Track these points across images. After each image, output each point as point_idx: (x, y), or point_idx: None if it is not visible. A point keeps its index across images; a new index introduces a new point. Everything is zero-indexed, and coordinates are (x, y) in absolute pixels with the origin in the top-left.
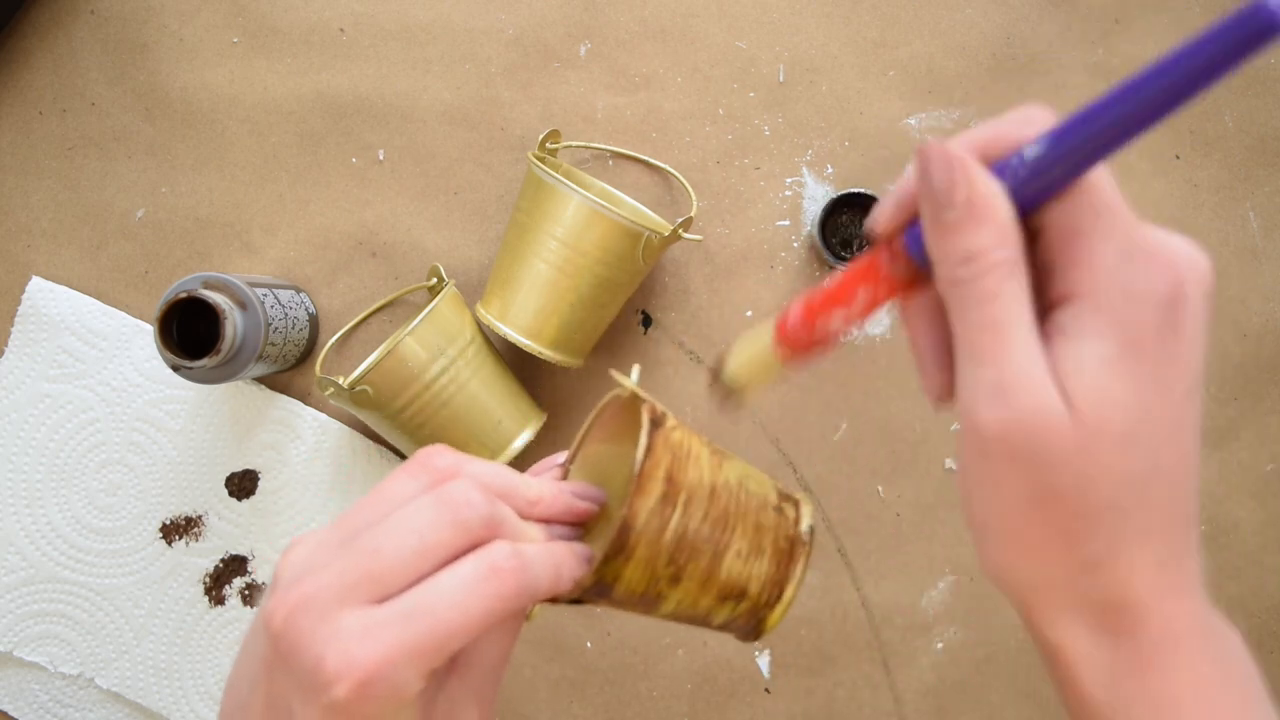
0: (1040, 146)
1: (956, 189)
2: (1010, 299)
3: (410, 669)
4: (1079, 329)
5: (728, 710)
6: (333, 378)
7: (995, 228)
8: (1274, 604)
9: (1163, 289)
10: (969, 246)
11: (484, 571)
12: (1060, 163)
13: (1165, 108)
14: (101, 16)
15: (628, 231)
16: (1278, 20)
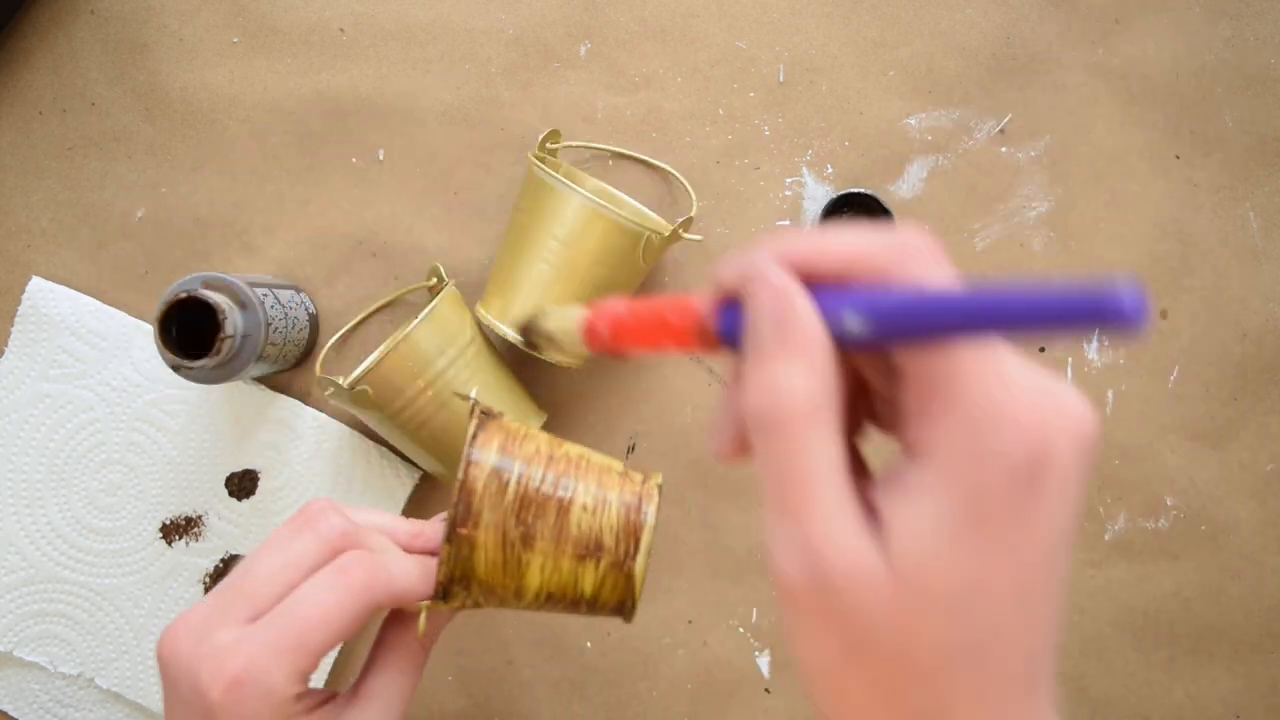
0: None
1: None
2: (817, 447)
3: (278, 668)
4: (918, 488)
5: (728, 710)
6: (333, 378)
7: (808, 367)
8: (1274, 604)
9: (1021, 453)
10: (776, 382)
11: (335, 573)
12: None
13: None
14: (101, 16)
15: (628, 231)
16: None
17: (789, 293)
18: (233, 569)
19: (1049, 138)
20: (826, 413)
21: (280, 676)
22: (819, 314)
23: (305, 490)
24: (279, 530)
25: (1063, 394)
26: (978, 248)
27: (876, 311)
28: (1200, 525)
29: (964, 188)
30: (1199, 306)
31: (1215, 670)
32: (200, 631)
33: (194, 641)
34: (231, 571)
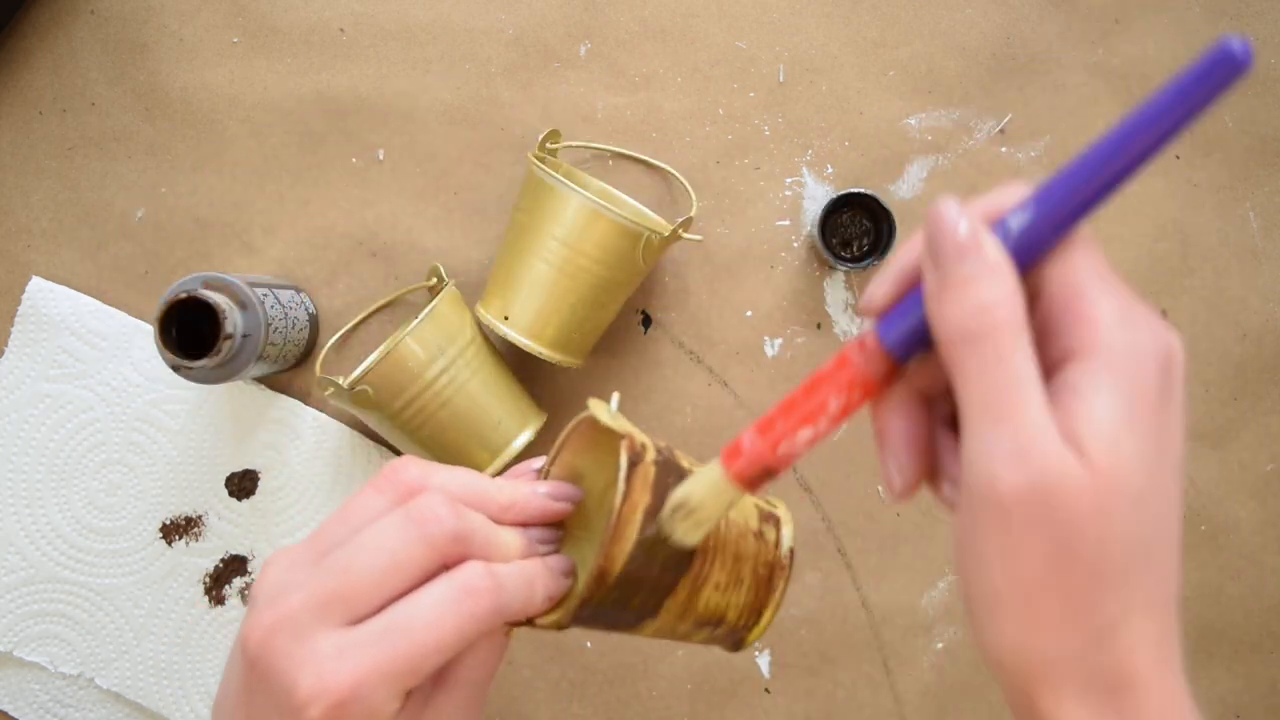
0: (1025, 213)
1: (967, 245)
2: (1024, 357)
3: (384, 690)
4: (1091, 386)
5: (728, 710)
6: (333, 378)
7: (1006, 282)
8: (1274, 604)
9: (1162, 352)
10: (982, 299)
11: (457, 593)
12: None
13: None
14: (101, 16)
15: (628, 231)
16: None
17: (973, 221)
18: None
19: (1049, 138)
20: (1025, 325)
21: (387, 698)
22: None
23: (305, 490)
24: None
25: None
26: None
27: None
28: (1200, 525)
29: (964, 188)
30: (1199, 306)
31: (1215, 670)
32: (296, 631)
33: (291, 641)
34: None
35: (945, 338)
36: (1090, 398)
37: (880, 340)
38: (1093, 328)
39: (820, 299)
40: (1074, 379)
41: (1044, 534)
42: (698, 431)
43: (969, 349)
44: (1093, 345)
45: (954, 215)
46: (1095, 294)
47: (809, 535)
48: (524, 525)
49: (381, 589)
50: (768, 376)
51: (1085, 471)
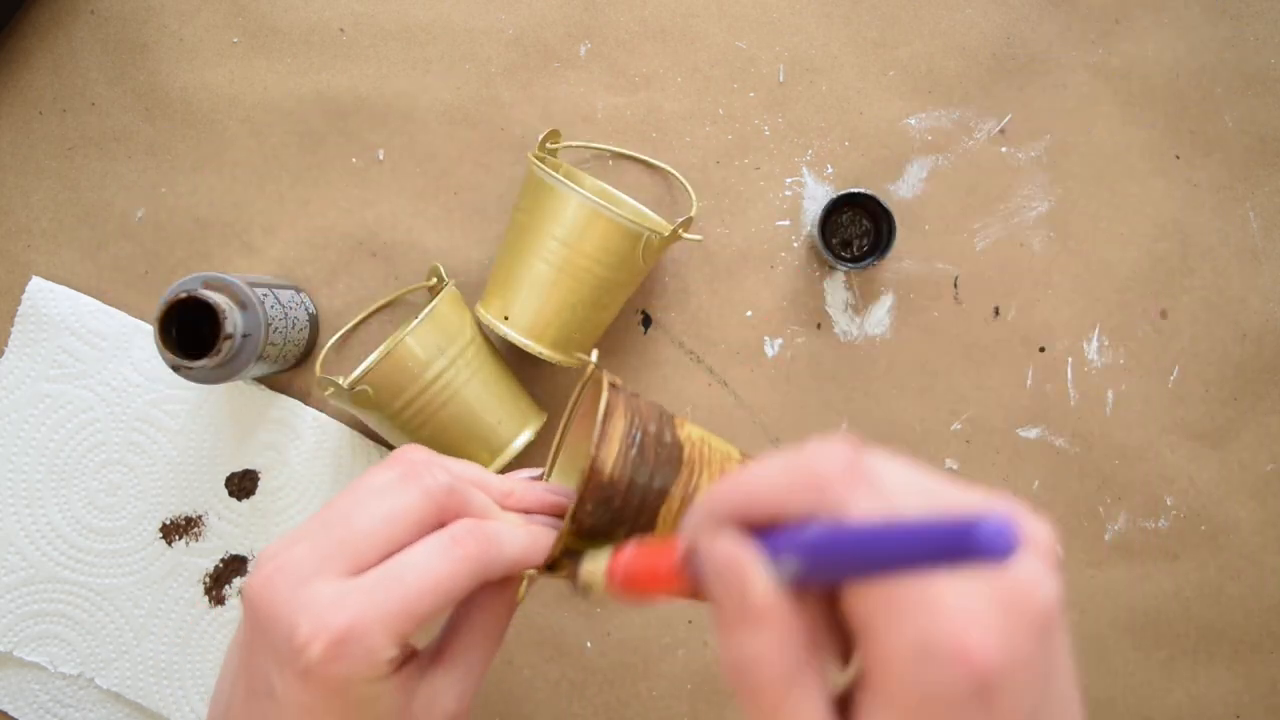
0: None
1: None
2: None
3: (382, 632)
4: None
5: (727, 710)
6: (333, 378)
7: (771, 631)
8: (1274, 604)
9: (963, 685)
10: (745, 653)
11: (448, 542)
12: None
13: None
14: (101, 16)
15: (628, 231)
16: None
17: (737, 560)
18: (324, 508)
19: (1049, 138)
20: (800, 671)
21: (383, 639)
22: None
23: (305, 490)
24: (376, 474)
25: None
26: (978, 248)
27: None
28: (1200, 525)
29: (964, 188)
30: (1199, 306)
31: (1215, 670)
32: (298, 578)
33: (292, 587)
34: (324, 511)
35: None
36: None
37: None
38: (881, 661)
39: (820, 299)
40: (862, 706)
41: None
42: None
43: (743, 697)
44: (877, 682)
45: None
46: (885, 628)
47: None
48: (527, 512)
49: (380, 539)
50: (768, 376)
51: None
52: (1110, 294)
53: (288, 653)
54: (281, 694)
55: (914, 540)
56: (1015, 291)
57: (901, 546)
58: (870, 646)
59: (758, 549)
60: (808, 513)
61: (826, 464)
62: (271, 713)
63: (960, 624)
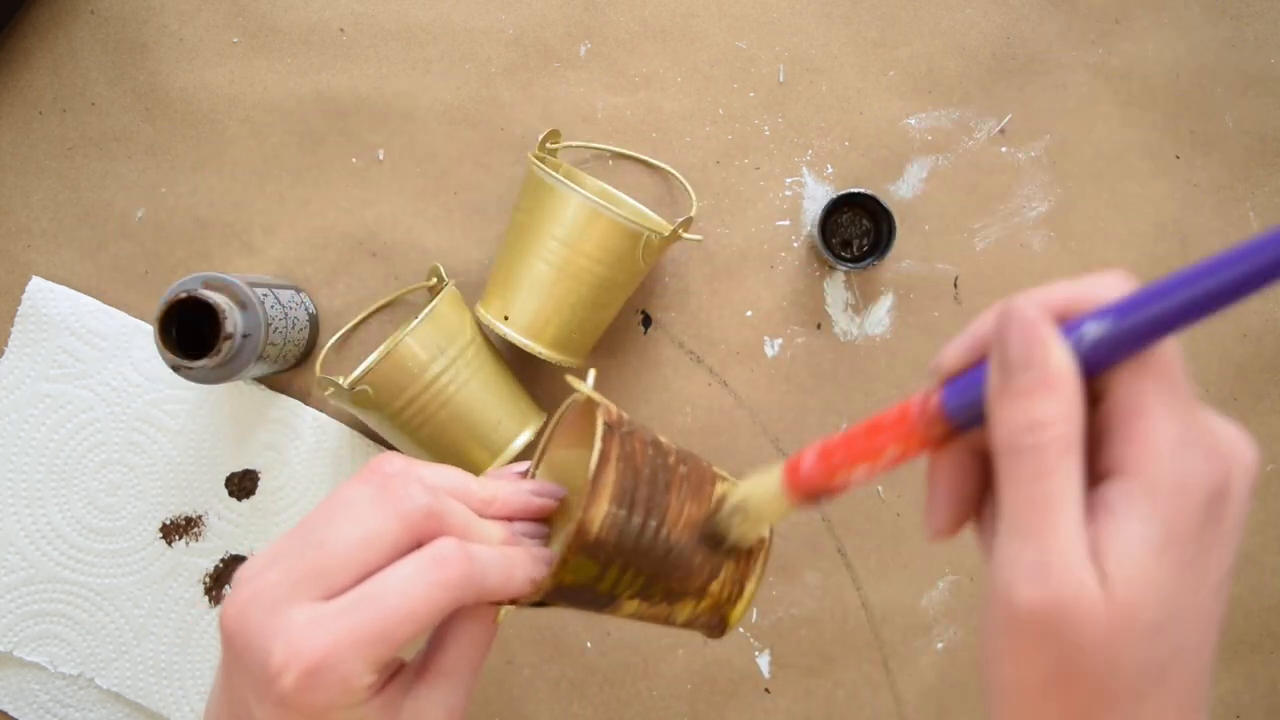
0: (1103, 324)
1: (1034, 354)
2: (1065, 476)
3: (357, 659)
4: (1127, 510)
5: (728, 710)
6: (333, 378)
7: (1064, 399)
8: (1274, 604)
9: (1213, 481)
10: (1036, 415)
11: (427, 563)
12: (1123, 340)
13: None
14: (101, 16)
15: (628, 231)
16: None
17: (1041, 326)
18: (298, 527)
19: (1049, 138)
20: (1077, 444)
21: (359, 667)
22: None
23: (305, 490)
24: (351, 490)
25: (1235, 432)
26: (978, 248)
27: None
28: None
29: (964, 188)
30: None
31: (1215, 670)
32: (271, 604)
33: (265, 613)
34: (299, 530)
35: (995, 441)
36: (1124, 522)
37: (942, 405)
38: (1143, 450)
39: (820, 299)
40: (1113, 498)
41: (1050, 649)
42: (698, 431)
43: (1013, 459)
44: (1138, 468)
45: (1027, 316)
46: (1155, 414)
47: (809, 535)
48: (508, 520)
49: (355, 564)
50: (768, 376)
51: (1103, 596)
52: None
53: (263, 681)
54: (260, 718)
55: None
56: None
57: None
58: (1134, 435)
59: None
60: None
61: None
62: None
63: (1219, 429)
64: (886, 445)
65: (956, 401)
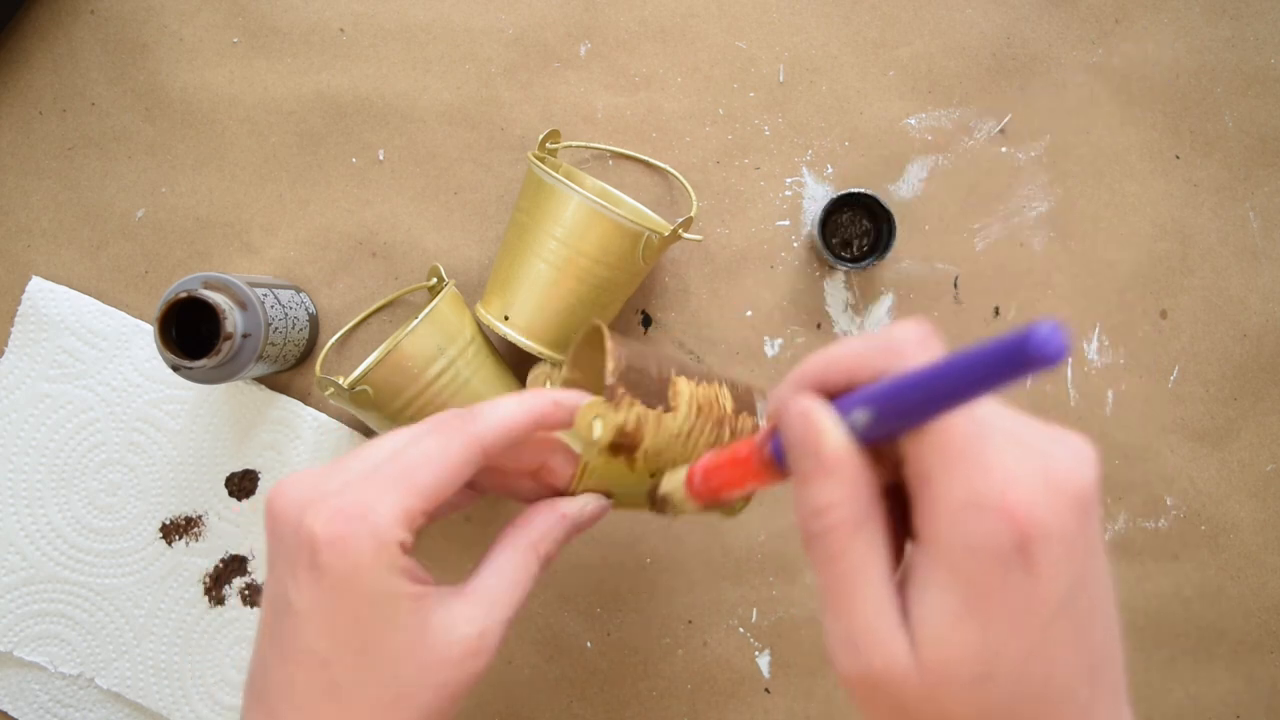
0: (867, 414)
1: (808, 442)
2: (860, 554)
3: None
4: (924, 578)
5: (728, 710)
6: (333, 378)
7: (843, 482)
8: (1274, 604)
9: (1006, 537)
10: (819, 500)
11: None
12: (888, 428)
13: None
14: (101, 16)
15: (628, 231)
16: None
17: (813, 416)
18: None
19: (1049, 138)
20: (865, 519)
21: (386, 513)
22: (844, 430)
23: None
24: None
25: (1055, 453)
26: (978, 248)
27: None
28: (1200, 525)
29: (964, 188)
30: (1199, 306)
31: (1215, 670)
32: (310, 484)
33: (301, 490)
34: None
35: (799, 528)
36: (924, 589)
37: (774, 454)
38: (931, 517)
39: (820, 299)
40: (916, 563)
41: (881, 708)
42: None
43: (811, 544)
44: (929, 535)
45: (796, 409)
46: (938, 481)
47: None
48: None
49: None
50: (768, 376)
51: (913, 662)
52: (1110, 294)
53: (295, 546)
54: (295, 600)
55: (973, 363)
56: (1015, 291)
57: (963, 373)
58: (924, 503)
59: (831, 408)
60: (880, 374)
61: (902, 334)
62: (289, 626)
63: (1005, 483)
64: (745, 479)
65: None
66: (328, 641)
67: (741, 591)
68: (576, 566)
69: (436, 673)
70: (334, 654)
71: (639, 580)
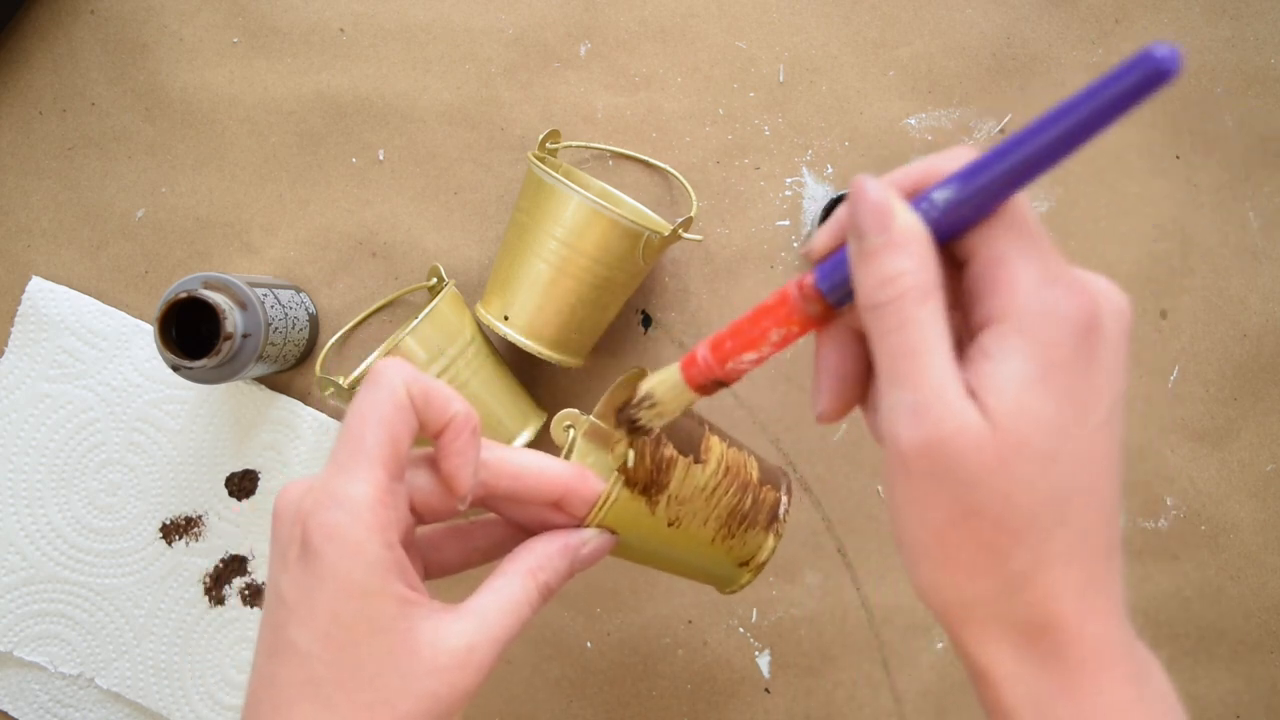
0: (949, 189)
1: (879, 218)
2: (926, 323)
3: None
4: (1001, 350)
5: (728, 710)
6: (333, 378)
7: (912, 254)
8: (1274, 604)
9: (1080, 315)
10: (888, 270)
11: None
12: (969, 201)
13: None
14: (101, 16)
15: (628, 231)
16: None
17: (887, 196)
18: None
19: None
20: (933, 291)
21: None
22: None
23: None
24: None
25: (1102, 280)
26: None
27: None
28: (1200, 525)
29: None
30: (1199, 306)
31: (1215, 670)
32: (309, 481)
33: (301, 487)
34: None
35: (860, 302)
36: (998, 360)
37: (816, 285)
38: (1008, 294)
39: None
40: (987, 343)
41: (945, 488)
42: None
43: (876, 314)
44: (1007, 310)
45: (871, 188)
46: (1015, 261)
47: (809, 535)
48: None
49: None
50: (768, 376)
51: (987, 428)
52: None
53: (289, 537)
54: (285, 591)
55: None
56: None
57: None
58: (999, 284)
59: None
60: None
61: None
62: (279, 619)
63: (1077, 271)
64: (770, 329)
65: (828, 280)
66: (310, 633)
67: (741, 591)
68: None
69: (420, 681)
70: (315, 649)
71: (639, 580)
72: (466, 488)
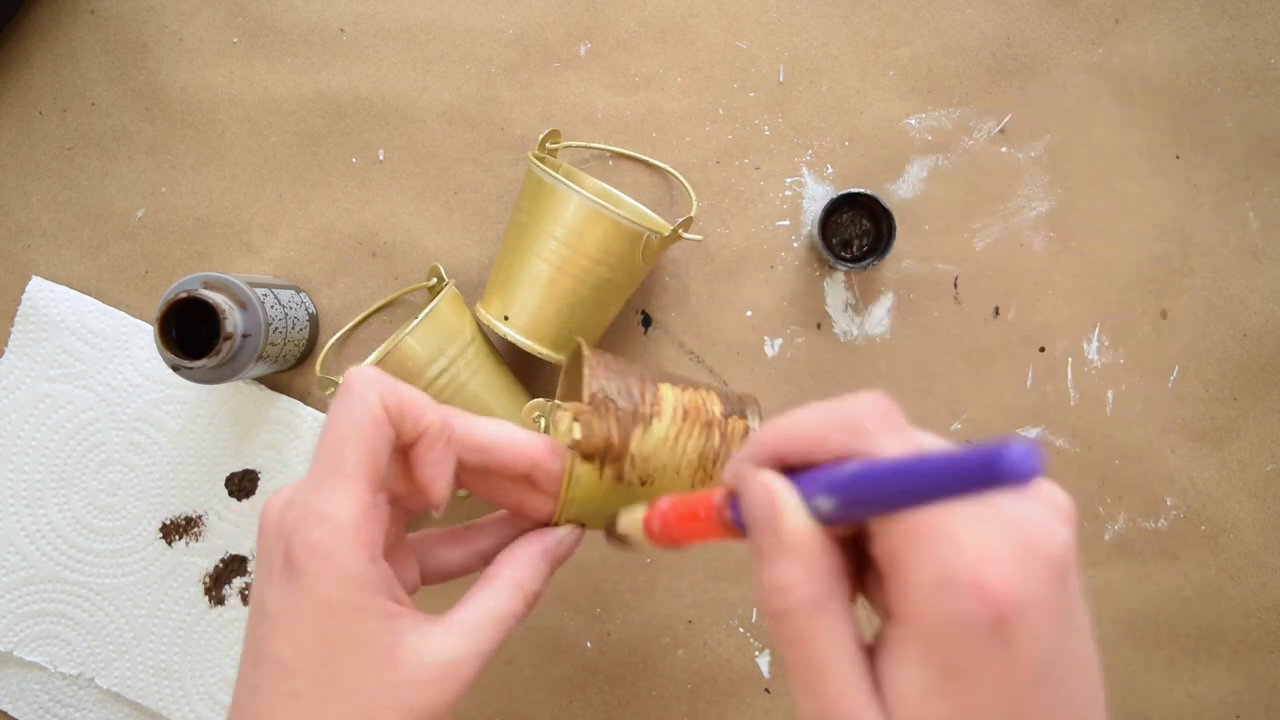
0: (831, 502)
1: (769, 519)
2: (819, 635)
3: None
4: (900, 654)
5: (728, 710)
6: (333, 378)
7: (802, 561)
8: (1274, 604)
9: (981, 617)
10: (778, 580)
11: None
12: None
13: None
14: (101, 16)
15: (628, 231)
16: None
17: (774, 495)
18: None
19: (1049, 138)
20: (828, 598)
21: (326, 498)
22: (804, 508)
23: None
24: None
25: (1029, 516)
26: (978, 248)
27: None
28: (1200, 525)
29: (964, 188)
30: (1199, 306)
31: (1215, 670)
32: (294, 489)
33: (285, 496)
34: None
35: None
36: (899, 665)
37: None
38: (903, 596)
39: (820, 299)
40: (890, 639)
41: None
42: None
43: (774, 622)
44: (903, 614)
45: (757, 485)
46: (908, 563)
47: None
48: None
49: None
50: (768, 377)
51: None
52: (1110, 294)
53: (274, 549)
54: (269, 603)
55: (943, 470)
56: (1015, 291)
57: (932, 477)
58: (895, 582)
59: (793, 487)
60: (842, 453)
61: (862, 409)
62: (263, 630)
63: (978, 558)
64: (703, 533)
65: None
66: (292, 647)
67: (741, 591)
68: (576, 567)
69: (403, 694)
70: (297, 661)
71: (639, 580)
72: (441, 497)
